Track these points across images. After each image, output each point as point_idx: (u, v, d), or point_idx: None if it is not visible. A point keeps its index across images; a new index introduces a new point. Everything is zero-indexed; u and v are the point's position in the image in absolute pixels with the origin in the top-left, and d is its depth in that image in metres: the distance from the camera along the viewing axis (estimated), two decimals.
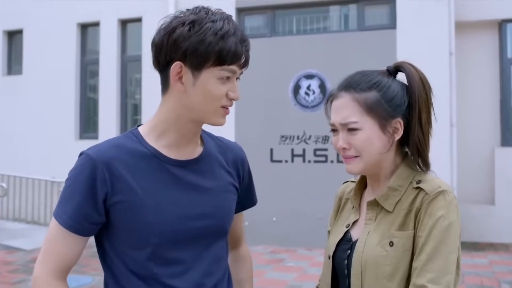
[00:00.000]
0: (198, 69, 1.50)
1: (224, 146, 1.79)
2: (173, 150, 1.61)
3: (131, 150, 1.57)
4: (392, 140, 1.62)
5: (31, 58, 10.60)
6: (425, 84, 1.64)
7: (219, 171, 1.71)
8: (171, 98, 1.58)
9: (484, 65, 8.88)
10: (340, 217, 1.80)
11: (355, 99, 1.59)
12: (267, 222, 8.43)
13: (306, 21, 9.19)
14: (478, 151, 8.74)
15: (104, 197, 1.51)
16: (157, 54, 1.56)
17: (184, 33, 1.48)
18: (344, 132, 1.61)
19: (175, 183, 1.59)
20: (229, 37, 1.49)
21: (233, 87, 1.56)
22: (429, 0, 8.01)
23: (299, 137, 8.52)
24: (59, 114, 10.19)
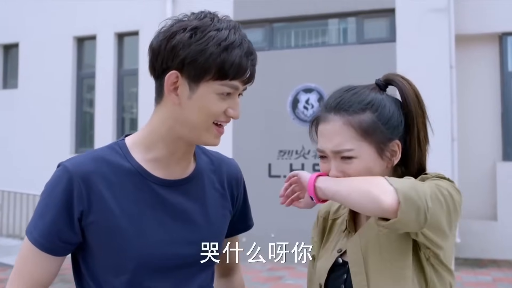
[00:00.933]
0: (195, 82, 1.36)
1: (218, 163, 1.63)
2: (161, 167, 1.45)
3: (113, 164, 1.42)
4: (391, 164, 1.49)
5: (27, 72, 10.51)
6: (419, 99, 1.52)
7: (210, 193, 1.56)
8: (163, 109, 1.43)
9: (485, 78, 8.79)
10: (328, 241, 1.65)
11: (349, 123, 1.45)
12: (265, 238, 8.25)
13: (305, 34, 9.11)
14: (479, 165, 8.61)
15: (80, 215, 1.36)
16: (153, 60, 1.41)
17: (184, 40, 1.34)
18: (337, 160, 1.46)
19: (160, 204, 1.44)
20: (233, 49, 1.35)
21: (234, 104, 1.42)
22: (429, 13, 7.94)
23: (298, 151, 8.40)
24: (55, 129, 10.08)
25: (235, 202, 1.66)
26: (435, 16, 7.94)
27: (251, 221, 1.76)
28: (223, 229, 1.59)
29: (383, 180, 1.34)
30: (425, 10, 7.97)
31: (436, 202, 1.33)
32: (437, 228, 1.34)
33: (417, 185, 1.33)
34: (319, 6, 8.55)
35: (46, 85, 10.22)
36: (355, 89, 1.52)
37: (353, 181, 1.39)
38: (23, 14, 10.50)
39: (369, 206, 1.33)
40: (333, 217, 1.67)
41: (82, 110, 10.40)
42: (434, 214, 1.31)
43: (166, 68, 1.38)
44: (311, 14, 8.74)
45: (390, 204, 1.28)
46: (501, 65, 8.79)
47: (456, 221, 1.40)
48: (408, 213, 1.29)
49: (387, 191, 1.30)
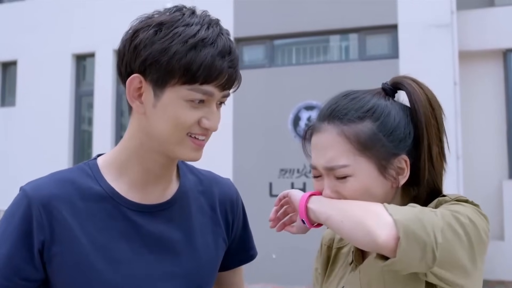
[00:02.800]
0: (160, 86, 1.16)
1: (209, 183, 1.41)
2: (137, 190, 1.25)
3: (81, 187, 1.22)
4: (397, 184, 1.24)
5: (25, 90, 10.38)
6: (434, 105, 1.26)
7: (198, 218, 1.34)
8: (133, 121, 1.24)
9: (489, 95, 8.65)
10: (333, 272, 1.42)
11: (343, 134, 1.22)
12: (266, 259, 8.09)
13: (306, 51, 9.00)
14: (485, 184, 8.43)
15: (41, 246, 1.16)
16: (119, 63, 1.23)
17: (146, 38, 1.15)
18: (331, 178, 1.23)
19: (135, 233, 1.23)
20: (204, 47, 1.14)
21: (209, 113, 1.20)
22: (432, 29, 7.82)
23: (300, 170, 8.22)
24: (53, 147, 9.94)
25: (231, 228, 1.44)
26: (438, 32, 7.83)
27: (253, 250, 1.54)
28: (215, 260, 1.38)
29: (381, 208, 1.11)
30: (428, 26, 7.86)
31: (451, 235, 1.08)
32: (454, 266, 1.09)
33: (423, 215, 1.09)
34: (321, 23, 8.44)
35: (44, 102, 10.08)
36: (355, 94, 1.29)
37: (348, 207, 1.16)
38: (21, 31, 10.41)
39: (363, 240, 1.10)
40: (338, 245, 1.45)
41: (80, 128, 10.26)
42: (448, 250, 1.07)
43: (130, 72, 1.19)
44: (313, 30, 8.61)
45: (385, 240, 1.06)
46: (505, 81, 8.65)
47: (482, 253, 1.15)
48: (410, 252, 1.05)
49: (384, 223, 1.07)
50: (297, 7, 8.51)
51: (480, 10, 8.64)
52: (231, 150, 8.34)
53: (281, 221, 1.40)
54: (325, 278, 1.44)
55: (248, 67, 8.82)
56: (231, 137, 8.51)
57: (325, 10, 8.36)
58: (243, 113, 8.48)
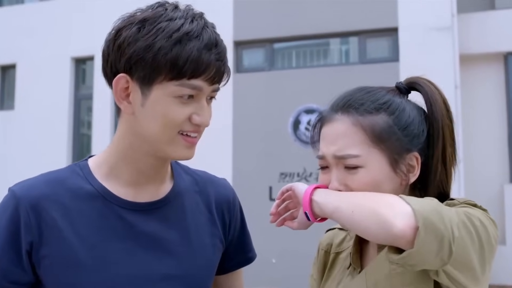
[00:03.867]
0: (147, 84, 1.13)
1: (204, 183, 1.38)
2: (129, 189, 1.22)
3: (72, 187, 1.19)
4: (406, 182, 1.21)
5: (24, 93, 10.36)
6: (448, 108, 1.27)
7: (194, 217, 1.30)
8: (122, 122, 1.22)
9: (490, 98, 8.63)
10: (330, 278, 1.37)
11: (359, 123, 1.20)
12: (266, 264, 8.06)
13: (306, 54, 8.98)
14: (486, 188, 8.39)
15: (29, 248, 1.13)
16: (104, 64, 1.20)
17: (130, 35, 1.13)
18: (340, 169, 1.20)
19: (128, 232, 1.19)
20: (189, 40, 1.11)
21: (199, 108, 1.17)
22: (432, 32, 7.80)
23: (300, 174, 8.19)
24: (51, 150, 9.92)
25: (229, 229, 1.40)
26: (439, 35, 7.80)
27: (252, 252, 1.50)
28: (212, 261, 1.34)
29: (397, 198, 1.07)
30: (429, 29, 7.84)
31: (465, 233, 1.05)
32: (465, 266, 1.06)
33: (441, 208, 1.06)
34: (321, 26, 8.42)
35: (43, 106, 10.07)
36: (370, 88, 1.27)
37: (359, 197, 1.13)
38: (20, 35, 10.40)
39: (376, 230, 1.05)
40: (336, 250, 1.41)
41: (79, 132, 10.24)
42: (462, 247, 1.03)
43: (116, 72, 1.16)
44: (313, 33, 8.59)
45: (402, 229, 1.01)
46: (506, 85, 8.63)
47: (491, 258, 1.11)
48: (429, 243, 1.01)
49: (402, 213, 1.02)
50: (297, 10, 8.48)
51: (481, 13, 8.63)
52: (231, 153, 8.31)
53: (282, 216, 1.36)
54: (321, 284, 1.40)
55: (248, 71, 8.80)
56: (230, 141, 8.48)
57: (325, 13, 8.35)
58: (243, 116, 8.46)
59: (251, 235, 1.51)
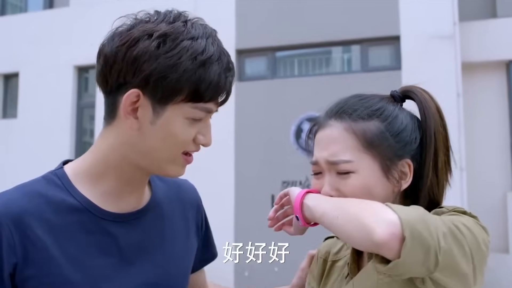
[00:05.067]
0: (162, 103, 1.09)
1: (176, 188, 1.37)
2: (111, 200, 1.18)
3: (53, 200, 1.13)
4: (398, 189, 1.21)
5: (27, 102, 10.38)
6: (442, 116, 1.26)
7: (172, 224, 1.29)
8: (116, 133, 1.15)
9: (493, 106, 8.62)
10: (327, 285, 1.37)
11: (351, 129, 1.20)
12: (268, 273, 8.02)
13: (308, 62, 8.99)
14: (489, 196, 8.37)
15: (12, 270, 1.06)
16: (105, 70, 1.13)
17: (150, 49, 1.07)
18: (332, 175, 1.20)
19: (114, 246, 1.16)
20: (211, 64, 1.09)
21: (204, 129, 1.15)
22: (434, 40, 7.80)
23: (302, 182, 8.17)
24: (54, 159, 9.81)
25: (200, 230, 1.41)
26: (441, 44, 7.81)
27: (215, 249, 1.50)
28: (188, 267, 1.35)
29: (383, 206, 1.05)
30: (431, 37, 7.84)
31: (452, 240, 1.04)
32: (455, 274, 1.05)
33: (427, 217, 1.05)
34: (323, 34, 8.43)
35: (45, 114, 10.08)
36: (364, 96, 1.28)
37: (346, 202, 1.13)
38: (23, 43, 10.43)
39: (358, 236, 1.04)
40: (334, 258, 1.40)
41: (82, 140, 10.24)
42: (449, 255, 1.03)
43: (124, 84, 1.10)
44: (315, 42, 8.60)
45: (383, 238, 0.99)
46: (508, 93, 8.62)
47: (482, 264, 1.11)
48: (414, 254, 1.00)
49: (386, 221, 1.00)
50: (299, 19, 8.50)
51: (483, 21, 8.63)
52: (233, 162, 8.29)
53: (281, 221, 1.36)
54: None
55: (250, 79, 8.81)
56: (233, 149, 8.47)
57: (327, 21, 8.36)
58: (245, 125, 8.45)
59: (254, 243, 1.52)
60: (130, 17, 1.16)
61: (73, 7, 10.36)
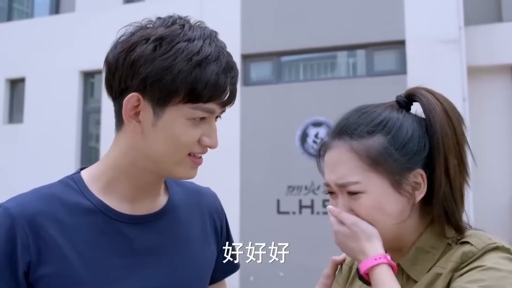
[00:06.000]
0: (161, 105, 1.11)
1: (195, 195, 1.37)
2: (126, 203, 1.20)
3: (68, 202, 1.15)
4: (413, 201, 1.17)
5: (33, 107, 10.43)
6: (451, 116, 1.19)
7: (189, 229, 1.29)
8: (123, 139, 1.18)
9: (498, 110, 8.59)
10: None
11: (353, 150, 1.17)
12: (273, 278, 8.01)
13: (313, 67, 8.98)
14: (495, 200, 8.33)
15: (26, 268, 1.08)
16: (109, 77, 1.16)
17: (146, 53, 1.09)
18: (344, 196, 1.18)
19: (128, 248, 1.17)
20: (208, 64, 1.10)
21: (209, 130, 1.16)
22: (439, 44, 7.79)
23: (307, 187, 8.16)
24: (60, 164, 9.93)
25: (220, 238, 1.40)
26: (446, 48, 7.79)
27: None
28: (207, 272, 1.34)
29: None
30: (436, 41, 7.83)
31: None
32: None
33: None
34: (328, 39, 8.43)
35: (51, 119, 10.12)
36: (366, 109, 1.24)
37: None
38: (29, 48, 10.48)
39: None
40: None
41: (87, 145, 10.27)
42: None
43: (125, 89, 1.13)
44: (320, 46, 8.60)
45: None
46: None
47: None
48: None
49: None
50: (304, 24, 8.51)
51: (488, 25, 8.60)
52: (238, 166, 8.28)
53: None
54: None
55: (255, 84, 8.81)
56: (238, 154, 8.47)
57: (332, 26, 8.36)
58: (250, 129, 8.45)
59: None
60: (133, 25, 1.18)
61: (79, 13, 10.40)
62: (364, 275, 1.14)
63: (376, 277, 1.11)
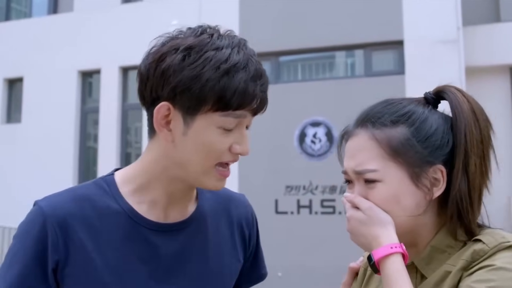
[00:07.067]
0: (191, 114, 1.12)
1: (225, 202, 1.38)
2: (156, 209, 1.22)
3: (99, 205, 1.18)
4: (430, 197, 1.15)
5: (31, 106, 10.42)
6: (478, 116, 1.19)
7: (215, 238, 1.30)
8: (156, 146, 1.20)
9: (497, 110, 8.58)
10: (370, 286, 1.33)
11: (374, 138, 1.16)
12: (272, 278, 7.99)
13: (312, 67, 8.99)
14: (493, 200, 8.22)
15: (55, 265, 1.12)
16: (141, 87, 1.19)
17: (175, 63, 1.10)
18: (361, 184, 1.18)
19: (153, 256, 1.19)
20: (237, 72, 1.10)
21: (240, 138, 1.17)
22: (438, 44, 7.79)
23: (305, 187, 8.17)
24: (58, 164, 9.93)
25: (248, 247, 1.40)
26: (445, 48, 7.79)
27: (264, 269, 1.49)
28: (230, 280, 1.34)
29: None
30: (434, 41, 7.83)
31: None
32: None
33: None
34: (326, 39, 8.43)
35: (49, 119, 10.11)
36: (392, 101, 1.23)
37: None
38: (27, 48, 10.47)
39: None
40: None
41: (85, 145, 10.26)
42: None
43: (156, 98, 1.14)
44: (318, 46, 8.60)
45: None
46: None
47: None
48: None
49: None
50: (302, 24, 8.50)
51: (487, 25, 8.62)
52: (237, 166, 8.23)
53: None
54: None
55: None
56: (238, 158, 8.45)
57: (330, 26, 8.36)
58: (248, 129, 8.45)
59: None
60: (164, 35, 1.19)
61: (77, 12, 10.39)
62: (377, 264, 1.12)
63: (390, 266, 1.09)
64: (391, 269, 1.08)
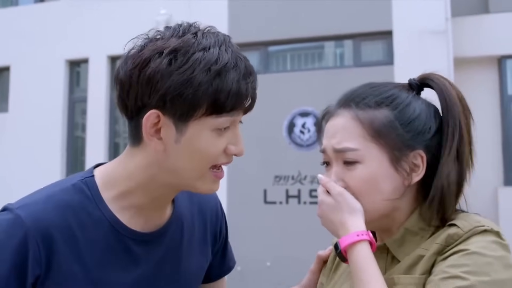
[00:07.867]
0: (183, 121, 1.06)
1: (197, 199, 1.34)
2: (138, 218, 1.17)
3: (81, 214, 1.11)
4: (409, 182, 1.15)
5: (18, 96, 10.32)
6: (464, 105, 1.20)
7: (190, 240, 1.28)
8: (143, 155, 1.12)
9: (485, 102, 8.63)
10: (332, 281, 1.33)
11: (357, 118, 1.15)
12: (261, 268, 8.03)
13: (301, 57, 8.97)
14: (480, 191, 8.37)
15: (35, 280, 1.06)
16: (123, 95, 1.09)
17: (162, 68, 1.03)
18: (339, 165, 1.16)
19: (134, 266, 1.16)
20: (228, 72, 1.05)
21: (234, 138, 1.13)
22: (427, 35, 7.80)
23: (294, 177, 8.17)
24: (45, 153, 9.87)
25: (217, 241, 1.39)
26: (433, 39, 7.81)
27: (232, 261, 1.48)
28: (199, 282, 1.34)
29: None
30: (423, 32, 7.84)
31: None
32: None
33: None
34: (315, 29, 8.41)
35: (37, 108, 10.02)
36: (377, 83, 1.22)
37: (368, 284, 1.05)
38: (14, 37, 10.36)
39: None
40: None
41: (73, 135, 10.19)
42: None
43: (142, 106, 1.07)
44: (307, 36, 8.59)
45: None
46: (500, 88, 8.64)
47: None
48: None
49: None
50: (291, 13, 8.48)
51: (475, 16, 8.64)
52: None
53: None
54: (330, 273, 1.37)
55: None
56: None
57: (320, 16, 8.34)
58: None
59: (246, 238, 1.50)
60: (141, 37, 1.12)
61: (64, 1, 10.29)
62: (343, 252, 1.12)
63: (357, 254, 1.09)
64: (359, 256, 1.08)
